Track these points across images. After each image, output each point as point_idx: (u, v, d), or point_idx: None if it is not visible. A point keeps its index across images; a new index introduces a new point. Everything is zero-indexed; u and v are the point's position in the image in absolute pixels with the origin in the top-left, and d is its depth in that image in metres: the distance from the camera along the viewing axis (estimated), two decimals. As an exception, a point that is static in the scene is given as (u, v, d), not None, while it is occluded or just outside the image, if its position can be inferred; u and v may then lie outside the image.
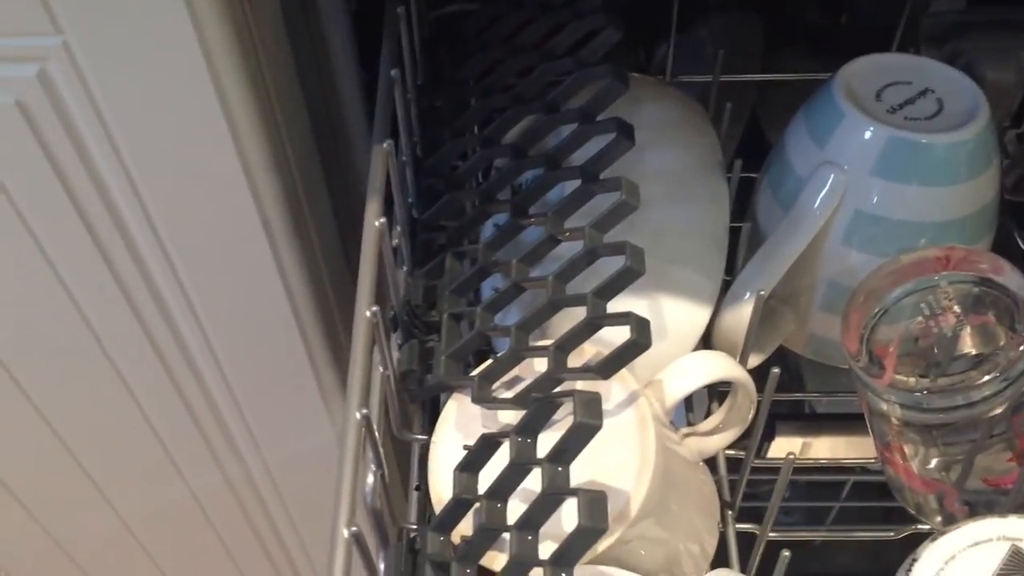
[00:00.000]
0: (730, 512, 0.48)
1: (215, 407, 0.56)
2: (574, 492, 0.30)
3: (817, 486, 0.82)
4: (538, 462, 0.32)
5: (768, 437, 0.74)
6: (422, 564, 0.35)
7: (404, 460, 0.46)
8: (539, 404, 0.34)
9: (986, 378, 0.40)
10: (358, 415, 0.32)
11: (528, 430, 0.34)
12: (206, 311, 0.49)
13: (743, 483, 0.48)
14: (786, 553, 0.40)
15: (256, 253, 0.46)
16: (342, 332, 0.55)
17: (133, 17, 0.37)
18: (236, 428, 0.59)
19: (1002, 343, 0.42)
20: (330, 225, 0.52)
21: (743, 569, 0.48)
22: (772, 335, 0.51)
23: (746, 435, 0.48)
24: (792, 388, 0.67)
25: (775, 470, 0.72)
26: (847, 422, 0.71)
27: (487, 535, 0.33)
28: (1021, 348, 0.40)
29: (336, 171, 0.52)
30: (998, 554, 0.34)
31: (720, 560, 0.46)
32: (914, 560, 0.35)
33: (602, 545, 0.36)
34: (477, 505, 0.34)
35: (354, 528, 0.30)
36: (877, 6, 0.64)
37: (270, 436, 0.60)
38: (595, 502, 0.30)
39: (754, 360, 0.50)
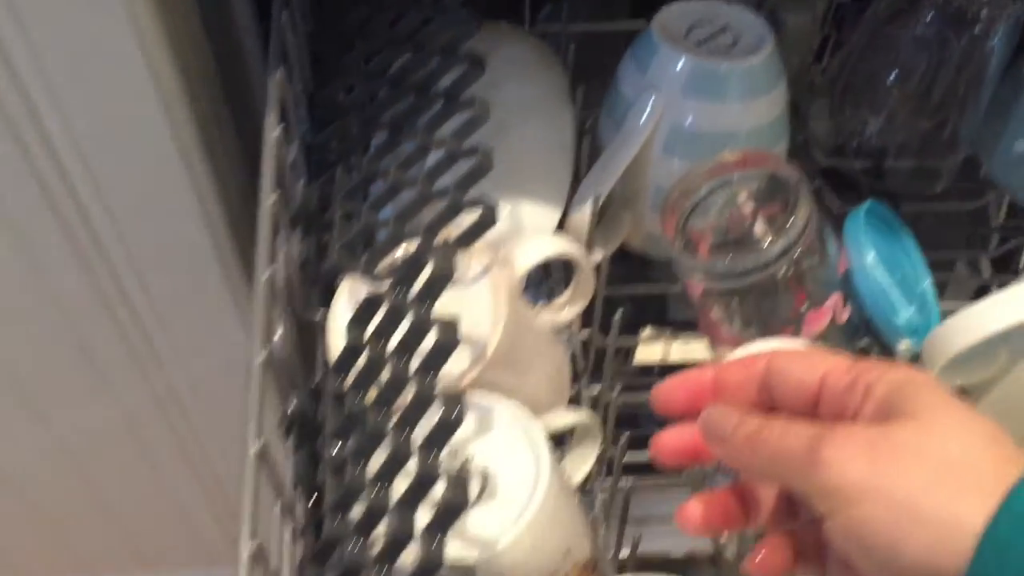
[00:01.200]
0: (583, 378, 0.59)
1: (139, 321, 0.65)
2: (434, 322, 0.40)
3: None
4: (408, 306, 0.42)
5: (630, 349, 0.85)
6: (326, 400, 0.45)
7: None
8: (408, 262, 0.43)
9: (767, 242, 0.52)
10: (264, 276, 0.41)
11: (402, 283, 0.43)
12: (130, 228, 0.57)
13: (592, 351, 0.59)
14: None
15: (172, 174, 0.54)
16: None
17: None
18: (159, 341, 0.67)
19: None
20: (237, 150, 0.60)
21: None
22: (614, 234, 0.61)
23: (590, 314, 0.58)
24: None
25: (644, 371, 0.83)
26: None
27: (371, 369, 0.42)
28: (791, 219, 0.51)
29: (241, 107, 0.61)
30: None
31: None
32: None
33: (465, 380, 0.46)
34: (366, 352, 0.43)
35: (263, 356, 0.39)
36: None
37: (191, 347, 0.68)
38: (447, 326, 0.39)
39: (598, 254, 0.60)
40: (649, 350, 0.86)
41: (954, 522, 0.26)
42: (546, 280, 0.65)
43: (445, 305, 0.47)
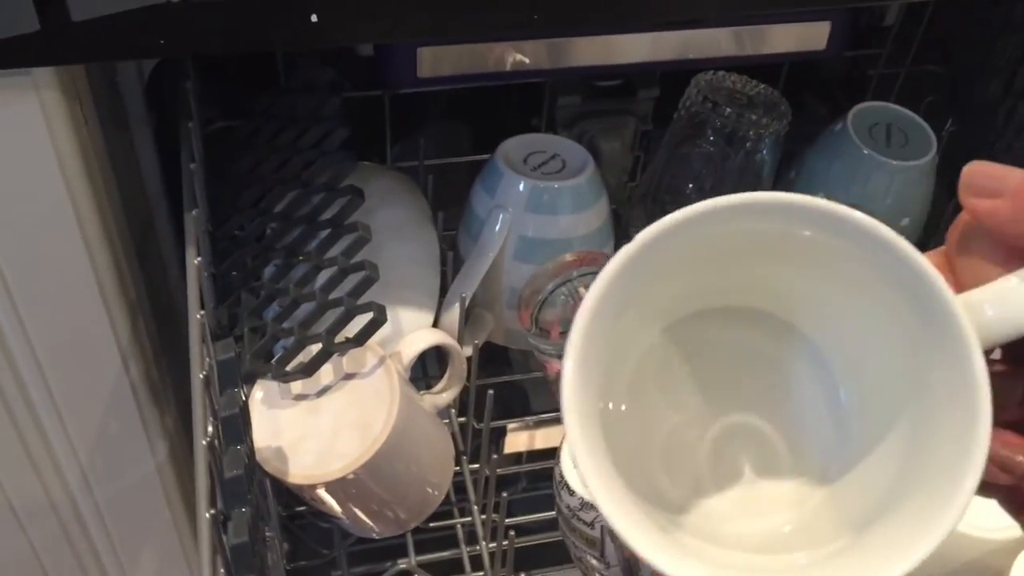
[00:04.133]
0: (464, 456, 0.69)
1: (50, 446, 0.70)
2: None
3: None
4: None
5: (501, 435, 0.95)
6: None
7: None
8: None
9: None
10: (201, 376, 0.49)
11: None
12: (44, 350, 0.63)
13: (469, 433, 0.68)
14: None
15: (87, 297, 0.62)
16: (155, 368, 0.70)
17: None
18: (69, 467, 0.72)
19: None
20: (139, 273, 0.69)
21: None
22: (479, 332, 0.72)
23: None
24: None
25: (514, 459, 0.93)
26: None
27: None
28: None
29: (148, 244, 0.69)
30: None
31: (456, 486, 0.66)
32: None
33: (373, 448, 0.54)
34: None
35: (206, 440, 0.47)
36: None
37: (98, 471, 0.73)
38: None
39: (468, 349, 0.70)
40: (517, 439, 0.96)
41: None
42: (423, 377, 0.75)
43: (349, 394, 0.56)
